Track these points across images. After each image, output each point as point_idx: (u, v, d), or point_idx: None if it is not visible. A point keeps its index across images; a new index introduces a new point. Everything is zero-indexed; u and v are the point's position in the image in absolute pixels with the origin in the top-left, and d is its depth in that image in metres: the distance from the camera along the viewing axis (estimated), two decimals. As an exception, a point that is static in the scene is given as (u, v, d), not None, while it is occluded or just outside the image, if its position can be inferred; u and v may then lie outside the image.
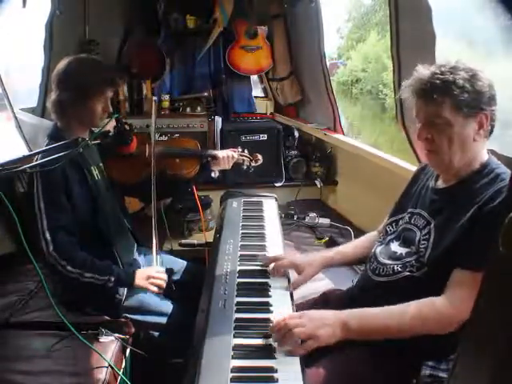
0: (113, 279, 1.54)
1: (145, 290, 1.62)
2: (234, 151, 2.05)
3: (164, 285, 1.63)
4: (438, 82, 1.10)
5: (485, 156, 1.16)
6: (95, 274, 1.53)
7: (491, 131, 1.15)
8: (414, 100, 1.17)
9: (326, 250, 1.55)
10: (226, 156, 1.99)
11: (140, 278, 1.60)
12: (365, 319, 1.07)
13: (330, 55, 19.09)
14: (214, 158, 2.00)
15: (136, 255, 1.84)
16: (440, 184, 1.24)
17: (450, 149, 1.12)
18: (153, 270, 1.64)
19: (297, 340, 1.01)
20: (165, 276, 1.64)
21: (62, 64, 1.59)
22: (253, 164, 2.11)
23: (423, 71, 1.15)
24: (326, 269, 1.44)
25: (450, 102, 1.09)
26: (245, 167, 2.10)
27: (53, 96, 1.59)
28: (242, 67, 3.29)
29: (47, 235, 1.47)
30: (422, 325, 1.05)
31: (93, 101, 1.59)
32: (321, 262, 1.40)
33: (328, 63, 2.98)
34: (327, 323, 1.04)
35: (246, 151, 2.10)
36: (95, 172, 1.68)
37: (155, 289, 1.61)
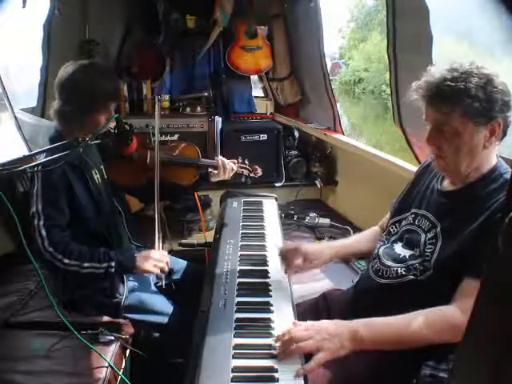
0: (113, 264, 1.52)
1: (147, 273, 1.60)
2: (235, 162, 2.04)
3: (166, 268, 1.59)
4: (448, 89, 1.05)
5: (493, 160, 1.14)
6: (94, 262, 1.51)
7: (504, 135, 1.12)
8: (423, 103, 1.13)
9: (331, 242, 1.52)
10: (227, 168, 1.99)
11: (142, 260, 1.56)
12: (377, 329, 1.03)
13: (331, 55, 19.15)
14: (214, 168, 2.00)
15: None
16: (446, 186, 1.22)
17: (458, 156, 1.10)
18: (154, 253, 1.61)
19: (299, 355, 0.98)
20: (167, 258, 1.61)
21: (65, 72, 1.55)
22: (252, 175, 2.11)
23: (434, 74, 1.10)
24: (332, 262, 1.43)
25: (459, 111, 1.06)
26: (243, 179, 2.11)
27: (56, 105, 1.57)
28: (241, 67, 3.29)
29: (43, 232, 1.47)
30: (435, 335, 1.03)
31: (97, 114, 1.58)
32: (328, 252, 1.39)
33: (330, 63, 3.00)
34: (335, 334, 0.99)
35: (246, 162, 2.10)
36: (96, 175, 1.68)
37: (157, 270, 1.57)
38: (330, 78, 2.98)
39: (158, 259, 1.59)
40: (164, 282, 1.63)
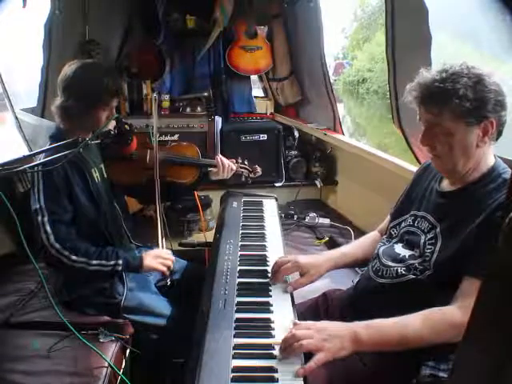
0: (120, 262, 1.55)
1: (153, 271, 1.67)
2: (234, 162, 2.04)
3: (172, 265, 1.65)
4: (436, 90, 1.07)
5: (491, 160, 1.14)
6: (102, 260, 1.53)
7: (499, 134, 1.12)
8: (416, 104, 1.14)
9: (329, 252, 1.52)
10: (227, 167, 1.99)
11: (148, 259, 1.61)
12: (377, 331, 1.02)
13: (335, 55, 19.10)
14: (214, 167, 2.00)
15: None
16: (445, 187, 1.22)
17: (452, 156, 1.11)
18: (160, 251, 1.67)
19: (299, 353, 0.98)
20: (172, 256, 1.67)
21: (69, 69, 1.57)
22: (252, 176, 2.11)
23: (425, 75, 1.11)
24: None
25: (449, 112, 1.07)
26: (243, 179, 2.11)
27: (58, 101, 1.58)
28: (241, 67, 3.29)
29: (47, 228, 1.47)
30: (435, 336, 1.02)
31: (99, 111, 1.59)
32: (326, 264, 1.36)
33: (334, 63, 3.00)
34: (335, 335, 0.99)
35: (246, 162, 2.10)
36: (95, 174, 1.68)
37: (164, 269, 1.62)
38: (334, 78, 2.99)
39: (163, 257, 1.63)
40: (169, 281, 1.68)
